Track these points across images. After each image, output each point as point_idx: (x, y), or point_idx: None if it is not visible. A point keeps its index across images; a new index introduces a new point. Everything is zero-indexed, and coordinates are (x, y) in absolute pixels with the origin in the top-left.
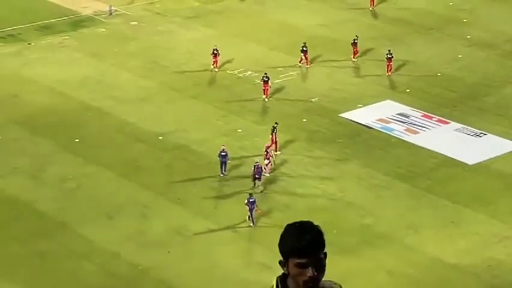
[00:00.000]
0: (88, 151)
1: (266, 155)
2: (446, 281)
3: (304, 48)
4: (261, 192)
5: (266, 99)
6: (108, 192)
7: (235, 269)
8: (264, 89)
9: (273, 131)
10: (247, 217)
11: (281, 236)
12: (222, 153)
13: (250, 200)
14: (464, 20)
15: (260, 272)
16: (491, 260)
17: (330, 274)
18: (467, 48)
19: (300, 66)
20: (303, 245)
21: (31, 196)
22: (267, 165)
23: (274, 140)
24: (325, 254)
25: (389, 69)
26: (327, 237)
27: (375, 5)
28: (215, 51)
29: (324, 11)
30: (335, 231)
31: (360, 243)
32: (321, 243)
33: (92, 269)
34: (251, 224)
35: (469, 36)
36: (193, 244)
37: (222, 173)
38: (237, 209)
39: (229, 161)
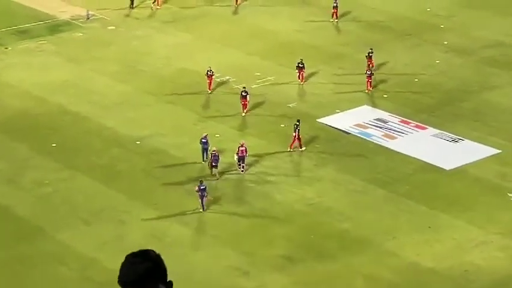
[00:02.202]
0: (65, 156)
1: (241, 152)
2: (423, 286)
3: (300, 65)
4: (216, 179)
5: (244, 114)
6: (85, 197)
7: (213, 274)
8: (242, 104)
9: (295, 129)
10: (199, 205)
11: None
12: (203, 140)
13: (201, 187)
14: (442, 26)
15: (238, 277)
16: (468, 265)
17: (308, 279)
18: (445, 54)
19: (301, 85)
20: (123, 280)
21: (8, 201)
22: (242, 163)
23: (297, 137)
24: (168, 284)
25: (368, 85)
26: (305, 242)
27: (339, 18)
28: (209, 73)
29: (301, 16)
30: (312, 236)
31: (338, 248)
32: (150, 277)
33: (69, 274)
34: (201, 210)
35: (446, 42)
36: (171, 249)
37: (203, 160)
38: (214, 213)
39: (210, 148)
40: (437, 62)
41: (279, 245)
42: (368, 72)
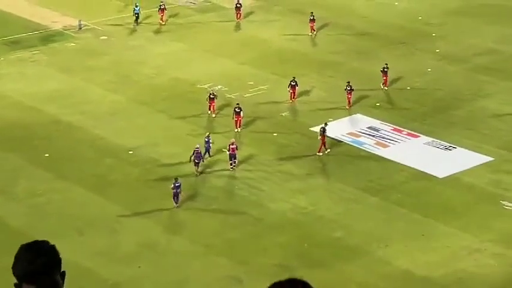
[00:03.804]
0: (58, 166)
1: (232, 150)
2: None
3: (292, 83)
4: (198, 175)
5: (238, 130)
6: (78, 207)
7: (207, 283)
8: (236, 120)
9: (323, 132)
10: (173, 202)
11: (14, 258)
12: (206, 139)
13: (176, 185)
14: (433, 34)
15: (232, 285)
16: (462, 273)
17: None
18: (437, 62)
19: (291, 102)
20: (32, 270)
21: (0, 211)
22: (233, 160)
23: (323, 141)
24: (62, 274)
25: (349, 101)
26: (298, 251)
27: (317, 32)
28: (211, 96)
29: (294, 26)
30: (306, 245)
31: (331, 257)
32: (54, 267)
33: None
34: (175, 205)
35: (438, 50)
36: (164, 259)
37: (203, 159)
38: (208, 222)
39: (212, 143)
40: (429, 70)
41: (272, 253)
42: (348, 88)
